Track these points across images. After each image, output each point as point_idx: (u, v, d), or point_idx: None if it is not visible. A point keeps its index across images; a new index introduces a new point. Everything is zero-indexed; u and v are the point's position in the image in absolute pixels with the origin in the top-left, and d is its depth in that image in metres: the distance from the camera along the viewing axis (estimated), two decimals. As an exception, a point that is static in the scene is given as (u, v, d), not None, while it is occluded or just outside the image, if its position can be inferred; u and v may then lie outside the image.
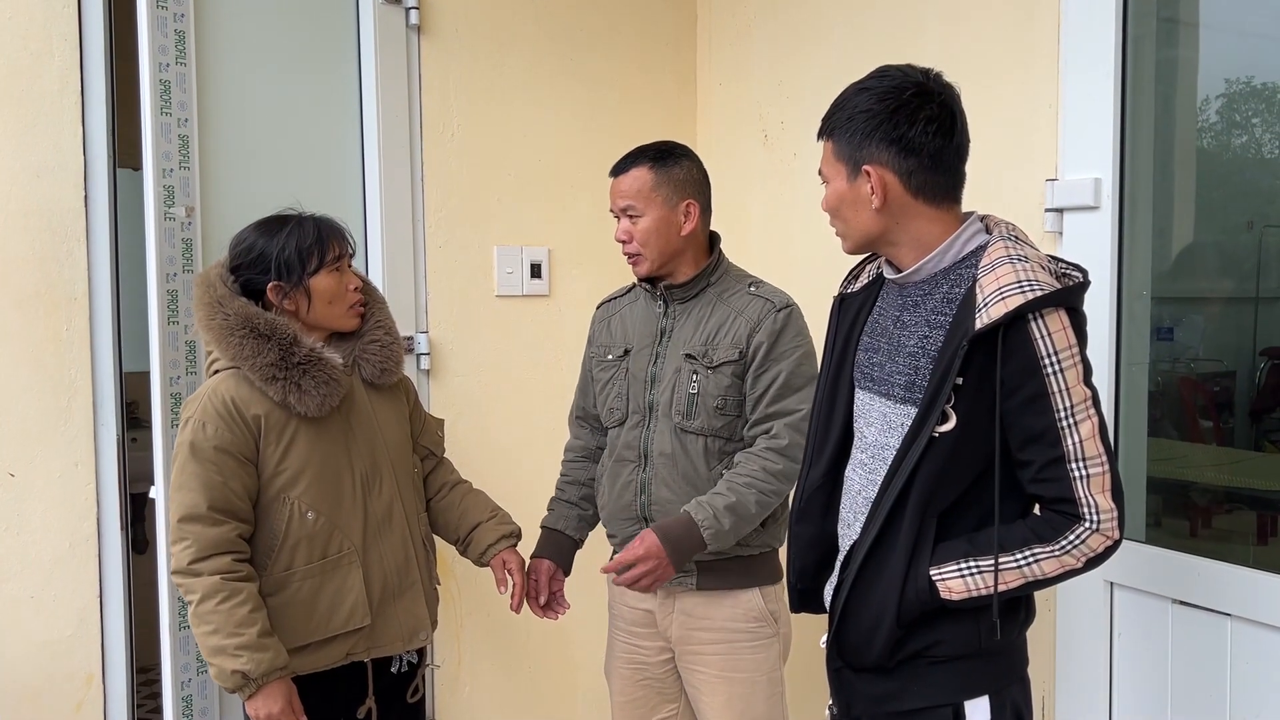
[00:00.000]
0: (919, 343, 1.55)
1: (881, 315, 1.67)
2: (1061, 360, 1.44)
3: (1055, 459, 1.46)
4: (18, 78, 2.25)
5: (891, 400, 1.58)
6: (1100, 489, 1.45)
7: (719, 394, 2.07)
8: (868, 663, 1.58)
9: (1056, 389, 1.44)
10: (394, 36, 2.65)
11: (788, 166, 2.87)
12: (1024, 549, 1.49)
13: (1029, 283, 1.43)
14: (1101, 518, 1.45)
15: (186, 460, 1.86)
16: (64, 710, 2.34)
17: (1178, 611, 1.97)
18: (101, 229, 2.35)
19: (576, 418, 2.37)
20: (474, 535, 2.15)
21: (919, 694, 1.56)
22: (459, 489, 2.21)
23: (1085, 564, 1.49)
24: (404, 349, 2.12)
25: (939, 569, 1.51)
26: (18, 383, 2.27)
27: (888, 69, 1.59)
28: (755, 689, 2.13)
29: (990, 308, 1.44)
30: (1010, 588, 1.49)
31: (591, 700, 2.93)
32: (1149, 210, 2.12)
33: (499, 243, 2.86)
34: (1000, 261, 1.48)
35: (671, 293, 2.14)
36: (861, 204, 1.58)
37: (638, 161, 2.12)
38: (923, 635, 1.54)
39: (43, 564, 2.31)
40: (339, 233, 1.99)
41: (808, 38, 2.79)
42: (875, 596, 1.55)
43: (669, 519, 2.03)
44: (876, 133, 1.54)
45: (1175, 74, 2.13)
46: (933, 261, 1.57)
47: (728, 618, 2.12)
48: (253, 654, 1.79)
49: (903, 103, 1.53)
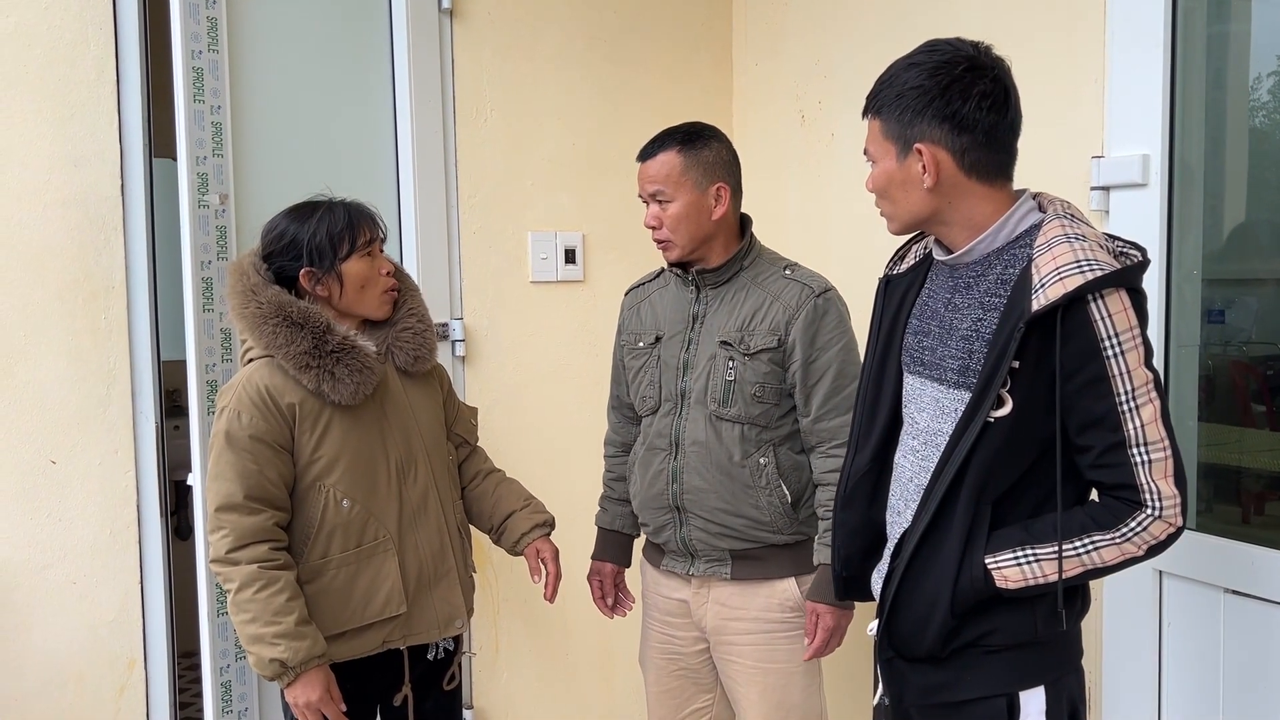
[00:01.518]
0: (972, 325, 1.51)
1: (931, 297, 1.62)
2: (1123, 342, 1.40)
3: (1116, 444, 1.42)
4: (55, 67, 2.27)
5: (945, 385, 1.54)
6: (1162, 474, 1.42)
7: (756, 381, 2.03)
8: (920, 653, 1.55)
9: (1117, 372, 1.40)
10: (426, 21, 2.64)
11: (825, 147, 2.82)
12: (1084, 536, 1.45)
13: (1088, 262, 1.39)
14: (1164, 504, 1.42)
15: (222, 450, 1.86)
16: (107, 694, 2.37)
17: (1230, 601, 1.92)
18: (138, 218, 2.36)
19: (613, 408, 2.34)
20: (508, 524, 2.14)
21: (973, 684, 1.53)
22: (492, 478, 2.20)
23: (1147, 551, 1.45)
24: (437, 336, 2.10)
25: (994, 557, 1.47)
26: (57, 371, 2.29)
27: (937, 43, 1.53)
28: (792, 679, 2.11)
29: (1047, 289, 1.40)
30: (1069, 576, 1.46)
31: (628, 688, 2.92)
32: (1199, 188, 2.05)
33: (533, 228, 2.84)
34: (1057, 240, 1.43)
35: (704, 278, 2.10)
36: (912, 184, 1.53)
37: (665, 145, 2.07)
38: (977, 624, 1.50)
39: (83, 550, 2.33)
40: (369, 217, 1.97)
41: (845, 14, 2.74)
42: (928, 585, 1.51)
43: (812, 582, 2.04)
44: (928, 110, 1.49)
45: (1227, 49, 2.06)
46: (985, 242, 1.53)
47: (763, 608, 2.09)
48: (290, 642, 1.79)
49: (955, 78, 1.48)
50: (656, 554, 2.20)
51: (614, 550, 2.30)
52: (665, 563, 2.17)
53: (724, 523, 2.05)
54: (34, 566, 2.29)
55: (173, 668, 2.45)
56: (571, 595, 2.38)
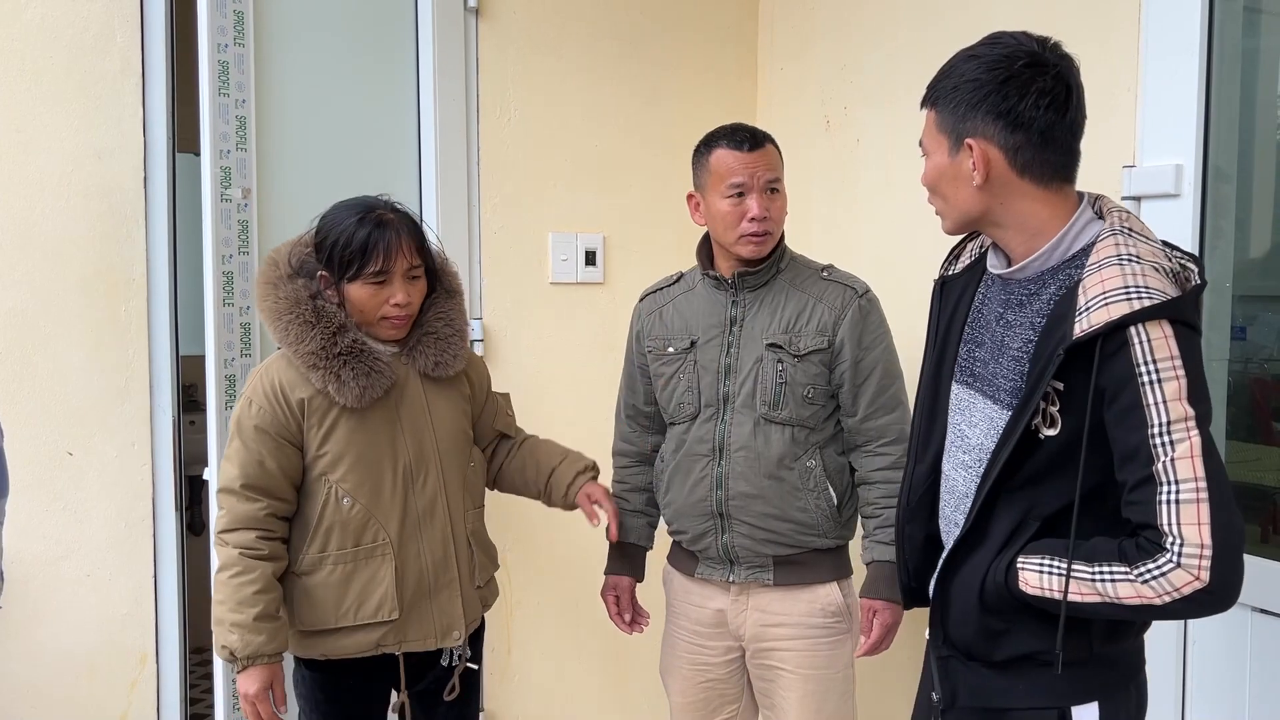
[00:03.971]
0: (1023, 346, 1.46)
1: (984, 309, 1.58)
2: (1160, 370, 1.31)
3: (1144, 479, 1.32)
4: (81, 59, 2.27)
5: (998, 405, 1.50)
6: (1191, 519, 1.28)
7: (807, 383, 2.02)
8: (966, 648, 1.54)
9: (1151, 401, 1.31)
10: (452, 20, 2.63)
11: (850, 154, 2.80)
12: (1105, 563, 1.37)
13: (1135, 290, 1.32)
14: (1185, 552, 1.28)
15: (233, 435, 1.90)
16: (119, 687, 2.36)
17: (1257, 620, 1.89)
18: (160, 211, 2.36)
19: (627, 417, 2.30)
20: (552, 480, 2.14)
21: (1025, 694, 1.50)
22: (527, 444, 2.19)
23: (1169, 604, 1.32)
24: (468, 341, 2.07)
25: (1025, 558, 1.44)
26: (76, 363, 2.29)
27: (1000, 35, 1.48)
28: (831, 685, 2.09)
29: (1092, 313, 1.34)
30: (1084, 601, 1.39)
31: (642, 692, 2.89)
32: (1232, 200, 2.02)
33: (554, 229, 2.83)
34: (1108, 262, 1.36)
35: (744, 280, 2.08)
36: (962, 180, 1.48)
37: (764, 136, 2.07)
38: (1034, 638, 1.47)
39: (98, 543, 2.33)
40: (391, 246, 1.87)
41: (873, 19, 2.72)
42: (963, 581, 1.51)
43: (866, 579, 2.05)
44: (983, 104, 1.43)
45: (1258, 64, 2.04)
46: (1040, 259, 1.46)
47: (804, 613, 2.07)
48: (245, 634, 1.81)
49: (1014, 73, 1.42)
50: (689, 562, 2.17)
51: (631, 564, 2.27)
52: (700, 570, 2.14)
53: (770, 528, 2.04)
54: (49, 559, 2.29)
55: (184, 663, 2.45)
56: (585, 599, 2.36)
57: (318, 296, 1.89)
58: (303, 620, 1.91)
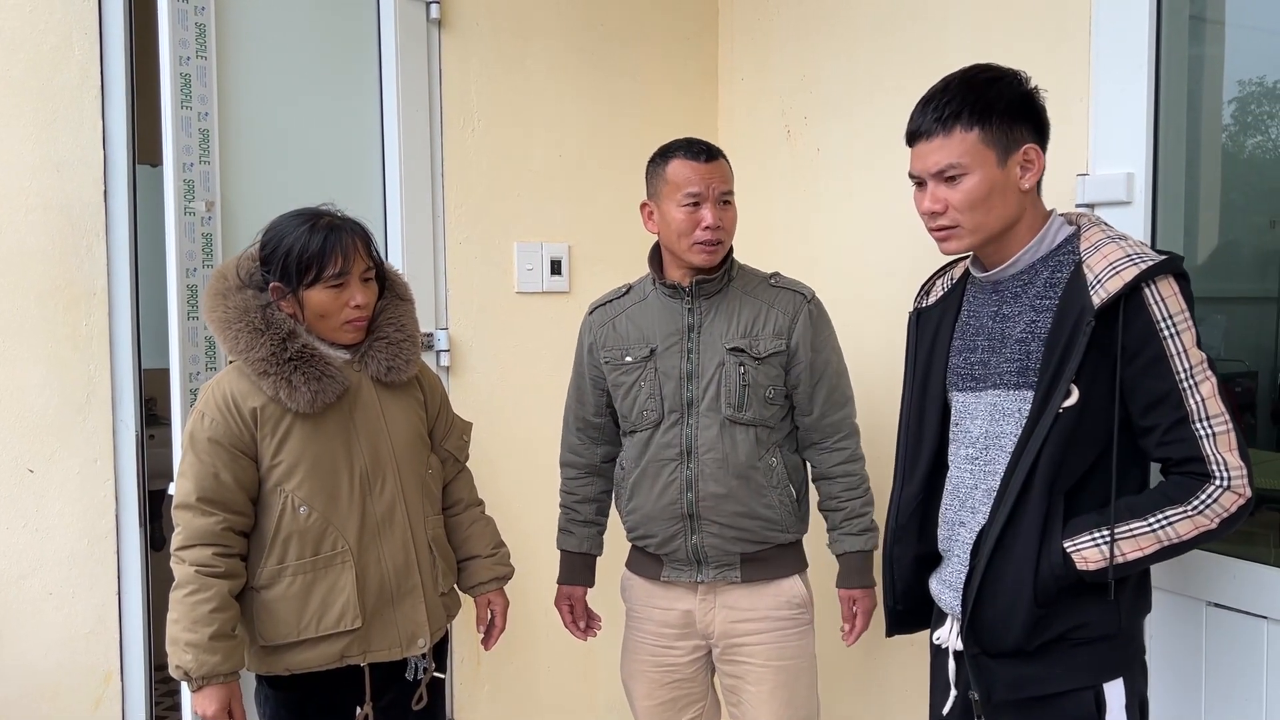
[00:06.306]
0: (1026, 328, 1.61)
1: (974, 316, 1.72)
2: (1177, 323, 1.51)
3: (1180, 419, 1.51)
4: (38, 71, 2.24)
5: (1004, 389, 1.62)
6: (1228, 447, 1.50)
7: (768, 384, 2.10)
8: (1006, 646, 1.60)
9: (1175, 351, 1.50)
10: (414, 30, 2.64)
11: (811, 163, 2.84)
12: (1157, 512, 1.52)
13: (1136, 255, 1.52)
14: (1232, 474, 1.50)
15: (187, 449, 1.89)
16: (82, 707, 2.33)
17: (1212, 614, 1.94)
18: (121, 224, 2.33)
19: (576, 429, 2.32)
20: (470, 565, 2.15)
21: (1063, 677, 1.59)
22: (470, 513, 2.18)
23: (1220, 525, 1.51)
24: (420, 347, 2.08)
25: (1073, 541, 1.54)
26: (36, 378, 2.26)
27: (987, 65, 1.68)
28: (799, 675, 2.16)
29: (1105, 284, 1.52)
30: (1146, 554, 1.52)
31: (610, 701, 2.90)
32: (1179, 207, 2.08)
33: (519, 239, 2.84)
34: (1103, 242, 1.57)
35: (701, 288, 2.13)
36: (1011, 188, 1.63)
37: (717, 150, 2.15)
38: (1067, 617, 1.57)
39: (61, 560, 2.30)
40: (348, 248, 1.90)
41: (832, 30, 2.76)
42: (1010, 577, 1.57)
43: (840, 571, 2.17)
44: (1023, 116, 1.63)
45: (1203, 71, 2.10)
46: (1029, 252, 1.64)
47: (771, 606, 2.14)
48: (199, 654, 1.79)
49: (1031, 90, 1.64)
50: (653, 565, 2.20)
51: (583, 573, 2.33)
52: (667, 574, 2.17)
53: (740, 526, 2.10)
54: (10, 577, 2.25)
55: (150, 681, 2.41)
56: (553, 610, 2.36)
57: (268, 307, 1.89)
58: (264, 635, 1.89)
